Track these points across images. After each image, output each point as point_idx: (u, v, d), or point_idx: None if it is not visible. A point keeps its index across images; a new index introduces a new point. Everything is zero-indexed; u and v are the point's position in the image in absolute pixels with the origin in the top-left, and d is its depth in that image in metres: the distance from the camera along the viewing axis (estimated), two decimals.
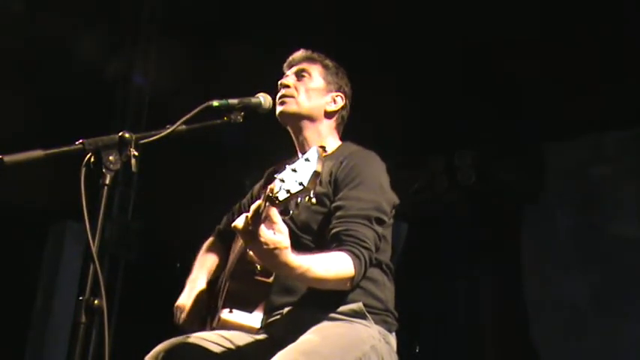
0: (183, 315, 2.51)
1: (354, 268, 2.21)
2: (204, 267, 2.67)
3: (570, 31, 5.47)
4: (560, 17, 5.54)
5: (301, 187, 1.85)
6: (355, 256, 2.22)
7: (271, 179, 1.94)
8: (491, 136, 5.93)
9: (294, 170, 1.88)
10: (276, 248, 1.99)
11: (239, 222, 2.04)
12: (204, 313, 2.54)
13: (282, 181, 1.88)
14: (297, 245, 2.21)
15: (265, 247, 1.99)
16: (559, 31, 5.54)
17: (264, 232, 1.98)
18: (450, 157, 6.15)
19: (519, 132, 5.77)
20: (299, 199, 1.88)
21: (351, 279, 2.22)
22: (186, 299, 2.55)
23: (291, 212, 1.89)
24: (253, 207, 2.00)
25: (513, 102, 5.69)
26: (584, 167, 5.72)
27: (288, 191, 1.86)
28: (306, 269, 2.12)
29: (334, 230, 2.29)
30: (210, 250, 2.73)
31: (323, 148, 1.96)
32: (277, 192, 1.87)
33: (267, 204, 1.92)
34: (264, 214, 1.96)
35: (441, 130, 6.11)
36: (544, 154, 5.88)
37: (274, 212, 1.96)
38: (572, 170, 5.77)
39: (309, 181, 1.85)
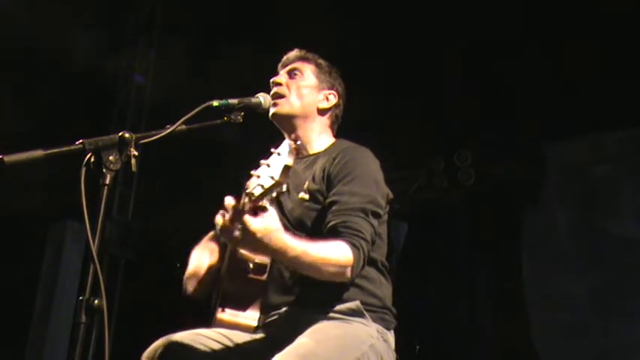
0: (193, 283, 2.52)
1: (353, 256, 2.20)
2: (206, 248, 2.66)
3: (570, 31, 5.48)
4: (561, 17, 5.55)
5: (273, 182, 1.89)
6: (353, 246, 2.21)
7: (250, 176, 1.96)
8: (491, 136, 5.93)
9: (268, 165, 1.92)
10: (267, 233, 2.00)
11: (218, 219, 2.05)
12: (213, 280, 2.56)
13: (258, 177, 1.92)
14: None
15: (257, 235, 1.99)
16: (559, 32, 5.55)
17: (252, 221, 1.98)
18: (450, 157, 6.15)
19: (519, 132, 5.77)
20: (273, 194, 1.90)
21: (350, 267, 2.19)
22: (193, 268, 2.55)
23: (267, 208, 1.91)
24: (232, 204, 2.01)
25: (513, 102, 5.70)
26: (584, 167, 5.72)
27: (262, 186, 1.89)
28: (302, 251, 2.12)
29: (331, 223, 2.28)
30: (207, 243, 2.71)
31: (295, 141, 1.98)
32: (253, 188, 1.91)
33: (247, 200, 1.94)
34: (245, 210, 1.97)
35: (441, 130, 6.11)
36: (544, 154, 5.88)
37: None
38: (572, 170, 5.77)
39: (280, 174, 1.88)
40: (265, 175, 1.90)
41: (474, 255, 6.06)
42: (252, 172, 1.94)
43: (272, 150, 1.95)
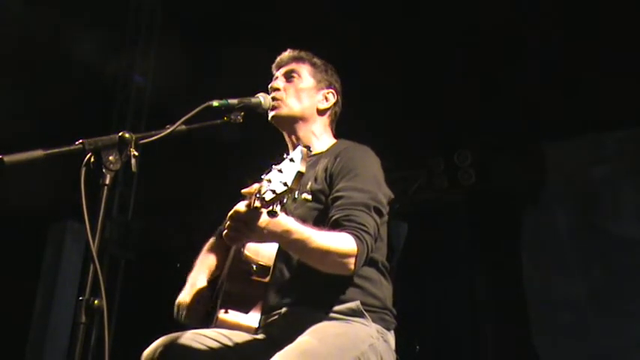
0: (184, 312, 2.52)
1: (357, 247, 2.20)
2: (204, 265, 2.67)
3: (570, 31, 5.48)
4: (561, 17, 5.55)
5: (285, 188, 1.88)
6: (358, 239, 2.21)
7: (260, 179, 1.96)
8: (491, 136, 5.93)
9: (279, 171, 1.91)
10: (272, 220, 2.02)
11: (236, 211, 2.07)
12: (205, 311, 2.55)
13: (269, 181, 1.91)
14: None
15: (263, 224, 2.04)
16: (559, 31, 5.55)
17: (261, 217, 2.02)
18: (450, 157, 6.16)
19: (519, 132, 5.78)
20: (284, 200, 1.90)
21: (354, 259, 2.19)
22: (186, 296, 2.56)
23: (278, 213, 1.91)
24: (242, 209, 2.03)
25: (513, 102, 5.70)
26: (584, 167, 5.72)
27: (273, 191, 1.88)
28: (308, 237, 2.14)
29: (334, 217, 2.28)
30: (210, 249, 2.72)
31: (308, 148, 1.98)
32: (264, 192, 1.90)
33: (258, 204, 1.94)
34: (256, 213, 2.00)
35: (441, 130, 6.11)
36: (544, 154, 5.88)
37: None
38: (572, 170, 5.77)
39: (293, 181, 1.88)
40: (277, 180, 1.89)
41: (473, 255, 6.06)
42: (263, 177, 1.93)
43: (284, 155, 1.94)
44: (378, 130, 5.41)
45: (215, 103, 2.30)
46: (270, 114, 2.57)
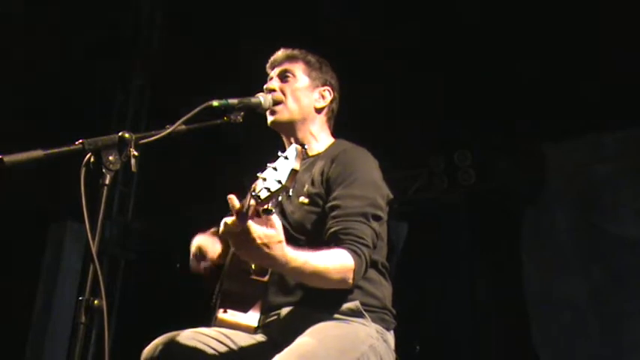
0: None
1: (355, 262, 2.19)
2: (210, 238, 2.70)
3: (570, 32, 5.48)
4: (560, 18, 5.55)
5: (279, 185, 1.87)
6: (355, 253, 2.21)
7: (256, 178, 1.96)
8: (491, 136, 5.93)
9: (274, 169, 1.91)
10: (268, 242, 1.98)
11: (227, 220, 2.02)
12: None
13: (264, 179, 1.91)
14: (292, 245, 2.18)
15: (258, 242, 1.97)
16: (559, 32, 5.55)
17: (255, 228, 1.96)
18: (450, 157, 6.16)
19: (519, 132, 5.78)
20: (279, 197, 1.89)
21: (352, 274, 2.19)
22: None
23: (273, 211, 1.90)
24: (237, 206, 2.01)
25: (513, 102, 5.70)
26: (584, 167, 5.72)
27: (268, 189, 1.88)
28: (304, 262, 2.11)
29: (332, 230, 2.28)
30: (211, 235, 2.71)
31: (303, 146, 1.97)
32: (259, 191, 1.89)
33: (253, 202, 1.93)
34: (250, 212, 1.95)
35: (441, 130, 6.11)
36: (544, 154, 5.88)
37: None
38: (572, 170, 5.77)
39: (287, 179, 1.87)
40: (272, 178, 1.89)
41: (474, 255, 6.06)
42: (259, 175, 1.93)
43: (279, 153, 1.94)
44: (378, 129, 5.41)
45: (215, 103, 2.29)
46: (270, 119, 2.56)
